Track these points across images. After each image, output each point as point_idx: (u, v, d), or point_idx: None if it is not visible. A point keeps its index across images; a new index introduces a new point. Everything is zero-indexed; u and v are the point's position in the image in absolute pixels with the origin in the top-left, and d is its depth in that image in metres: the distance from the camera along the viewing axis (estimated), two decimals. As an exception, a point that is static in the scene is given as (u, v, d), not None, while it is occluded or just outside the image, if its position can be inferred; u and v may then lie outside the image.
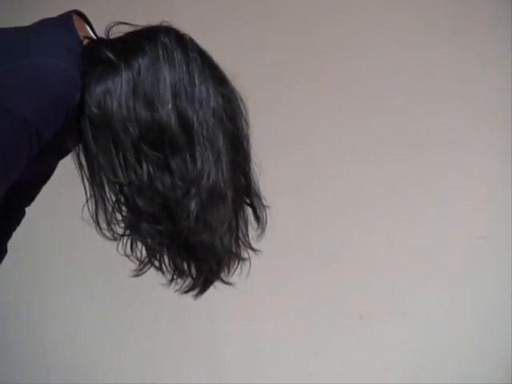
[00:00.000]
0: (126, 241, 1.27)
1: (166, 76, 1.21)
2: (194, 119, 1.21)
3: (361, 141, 2.57)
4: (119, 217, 1.25)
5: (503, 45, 2.47)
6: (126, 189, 1.22)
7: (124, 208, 1.24)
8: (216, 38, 2.28)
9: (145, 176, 1.20)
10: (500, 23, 2.47)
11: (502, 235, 2.51)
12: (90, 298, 2.67)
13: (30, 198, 1.51)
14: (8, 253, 1.51)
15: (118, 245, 1.27)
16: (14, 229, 1.53)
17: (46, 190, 1.51)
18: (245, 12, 2.58)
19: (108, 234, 1.26)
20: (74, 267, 2.65)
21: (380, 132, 2.56)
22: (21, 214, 1.53)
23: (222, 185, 1.22)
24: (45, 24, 1.28)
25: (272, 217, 2.42)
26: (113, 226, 1.25)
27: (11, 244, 1.52)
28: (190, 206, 1.21)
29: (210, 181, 1.21)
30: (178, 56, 1.22)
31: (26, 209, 1.55)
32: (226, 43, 2.46)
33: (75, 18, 1.28)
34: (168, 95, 1.20)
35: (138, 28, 1.28)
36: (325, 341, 2.59)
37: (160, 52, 1.22)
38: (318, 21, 2.57)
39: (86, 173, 1.25)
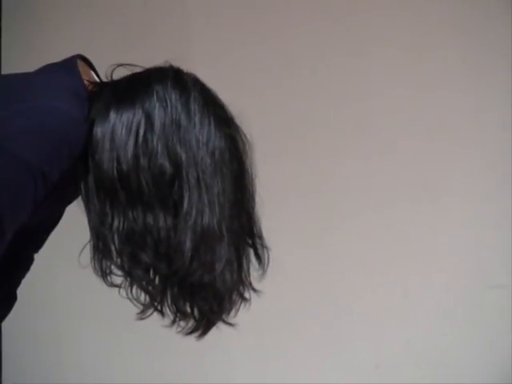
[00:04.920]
0: (127, 285, 1.26)
1: (156, 121, 1.20)
2: (185, 160, 1.19)
3: (374, 190, 2.57)
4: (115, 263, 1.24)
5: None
6: (114, 236, 1.21)
7: (114, 255, 1.22)
8: (230, 83, 2.31)
9: (132, 221, 1.20)
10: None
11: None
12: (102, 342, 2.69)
13: (38, 244, 1.51)
14: (27, 300, 1.51)
15: (120, 289, 1.26)
16: (24, 275, 1.53)
17: (64, 237, 1.51)
18: (259, 57, 2.61)
19: (107, 280, 1.25)
20: (90, 313, 2.67)
21: (394, 181, 2.55)
22: (30, 260, 1.53)
23: (217, 225, 1.20)
24: (49, 68, 1.30)
25: (288, 266, 2.44)
26: (108, 273, 1.24)
27: (30, 291, 1.52)
28: (183, 248, 1.19)
29: (204, 221, 1.19)
30: (172, 100, 1.22)
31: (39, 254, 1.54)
32: (240, 88, 2.50)
33: (79, 62, 1.30)
34: (154, 140, 1.19)
35: (137, 71, 1.28)
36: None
37: (153, 99, 1.22)
38: (331, 66, 2.59)
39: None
